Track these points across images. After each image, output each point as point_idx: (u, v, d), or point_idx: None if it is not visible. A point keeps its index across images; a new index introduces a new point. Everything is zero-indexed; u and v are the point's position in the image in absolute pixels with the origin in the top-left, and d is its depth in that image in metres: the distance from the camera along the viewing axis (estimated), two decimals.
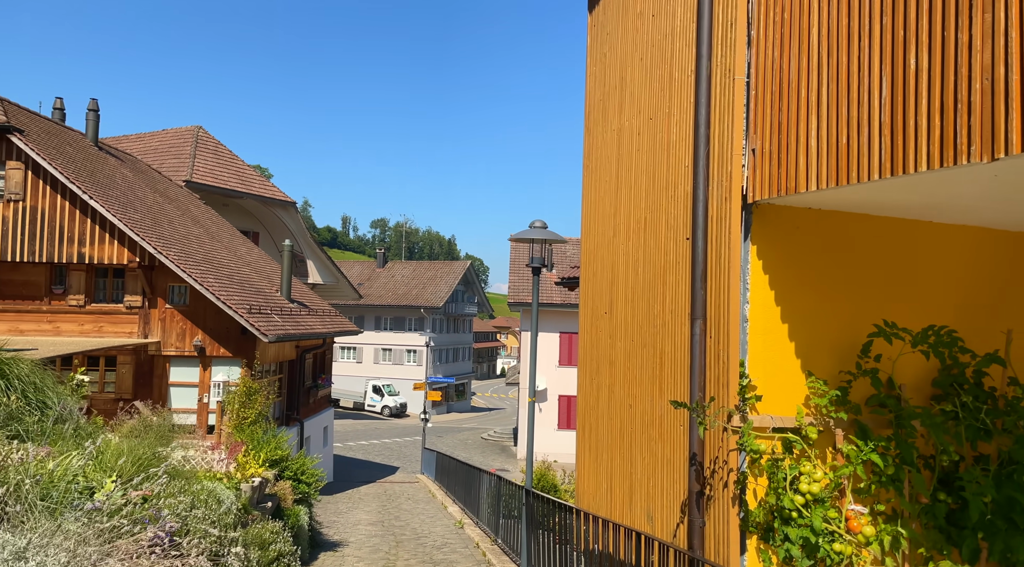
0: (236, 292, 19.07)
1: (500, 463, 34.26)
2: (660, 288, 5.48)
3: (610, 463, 6.61)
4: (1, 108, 17.84)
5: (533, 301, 9.52)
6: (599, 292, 7.11)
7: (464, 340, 67.26)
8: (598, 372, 7.06)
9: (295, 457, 11.61)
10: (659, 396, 5.44)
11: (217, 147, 40.18)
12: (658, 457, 5.43)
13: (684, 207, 5.06)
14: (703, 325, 4.60)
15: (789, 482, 4.27)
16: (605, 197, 6.94)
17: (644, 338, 5.80)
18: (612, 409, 6.59)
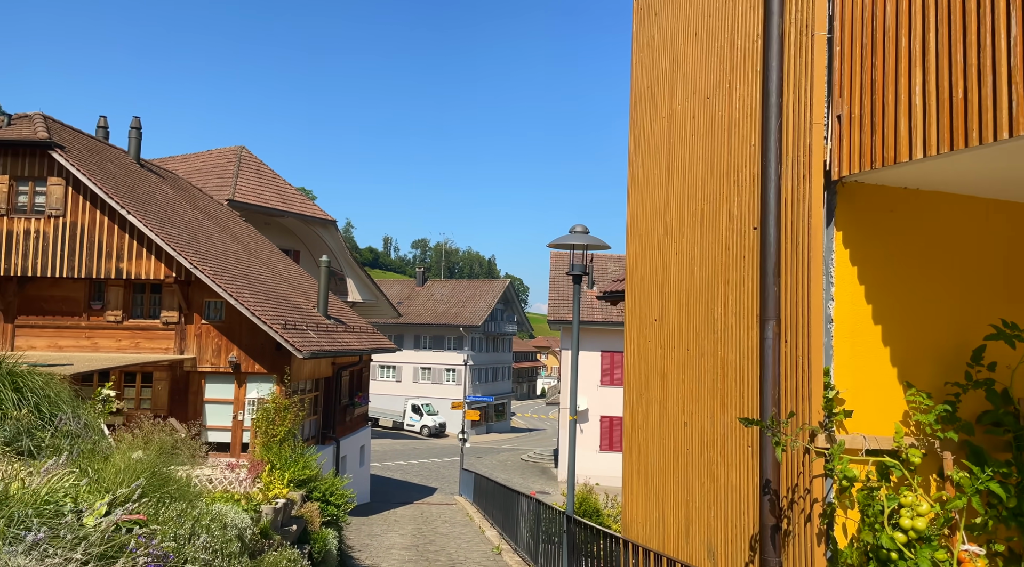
0: (272, 308, 18.81)
1: (540, 485, 33.37)
2: (721, 288, 4.78)
3: (662, 489, 5.88)
4: (44, 125, 18.01)
5: (574, 310, 8.86)
6: (647, 298, 6.43)
7: (503, 359, 66.62)
8: (647, 387, 6.35)
9: (324, 477, 11.09)
10: (720, 412, 4.72)
11: (259, 167, 40.64)
12: (720, 483, 4.70)
13: (750, 192, 4.38)
14: (776, 327, 3.90)
15: (888, 516, 3.52)
16: (654, 192, 6.28)
17: (702, 346, 5.09)
18: (664, 428, 5.87)
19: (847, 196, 3.73)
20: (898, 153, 3.24)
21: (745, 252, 4.44)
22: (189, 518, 4.57)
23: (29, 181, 17.78)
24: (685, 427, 5.38)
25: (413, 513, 22.93)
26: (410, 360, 59.97)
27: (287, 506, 8.94)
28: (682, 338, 5.52)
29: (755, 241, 4.31)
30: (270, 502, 8.29)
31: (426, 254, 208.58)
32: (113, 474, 4.67)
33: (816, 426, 3.63)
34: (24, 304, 18.12)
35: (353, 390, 24.84)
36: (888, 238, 3.79)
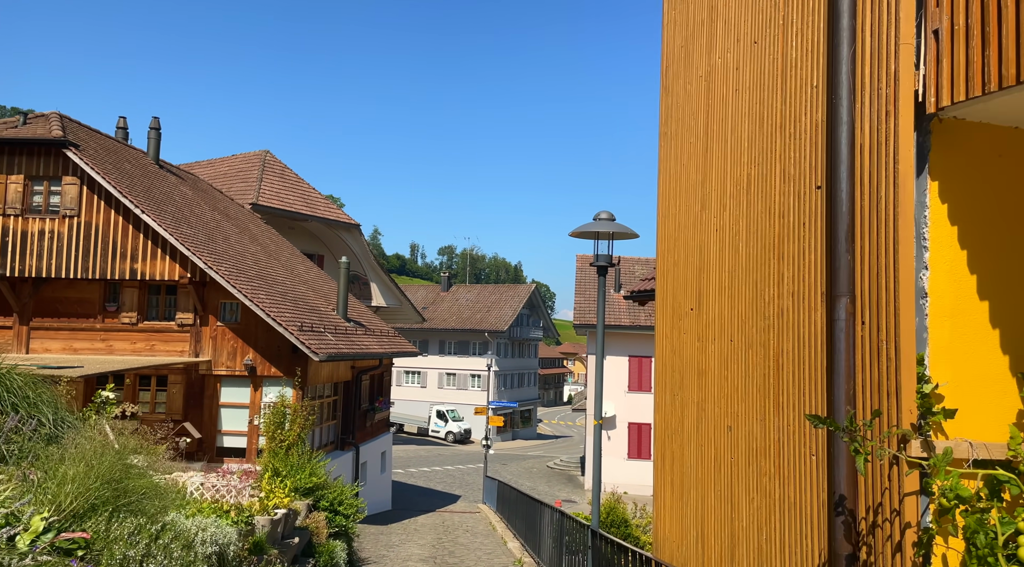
0: (288, 309, 18.29)
1: (566, 493, 32.50)
2: (774, 264, 4.00)
3: (700, 504, 5.08)
4: (60, 124, 17.74)
5: (599, 304, 8.09)
6: (682, 285, 5.65)
7: (529, 365, 65.80)
8: (682, 386, 5.57)
9: (333, 485, 10.43)
10: (774, 414, 3.93)
11: (283, 171, 40.48)
12: (775, 499, 3.90)
13: (812, 145, 3.60)
14: (851, 306, 3.11)
15: (1002, 544, 2.70)
16: (690, 163, 5.50)
17: (749, 336, 4.30)
18: (702, 433, 5.08)
19: (945, 137, 2.94)
20: (1021, 69, 2.45)
21: (805, 217, 3.65)
22: (145, 536, 3.89)
23: (44, 181, 17.51)
24: (729, 432, 4.59)
25: (434, 522, 22.22)
26: (435, 365, 59.43)
27: (289, 517, 8.27)
28: (724, 328, 4.73)
29: (819, 202, 3.53)
30: (268, 512, 7.63)
31: (452, 260, 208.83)
32: (62, 484, 4.02)
33: (908, 429, 2.83)
34: (39, 306, 17.83)
35: (374, 395, 24.25)
36: (997, 190, 2.99)
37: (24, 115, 17.76)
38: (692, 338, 5.37)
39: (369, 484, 23.10)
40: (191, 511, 6.03)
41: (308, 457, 10.94)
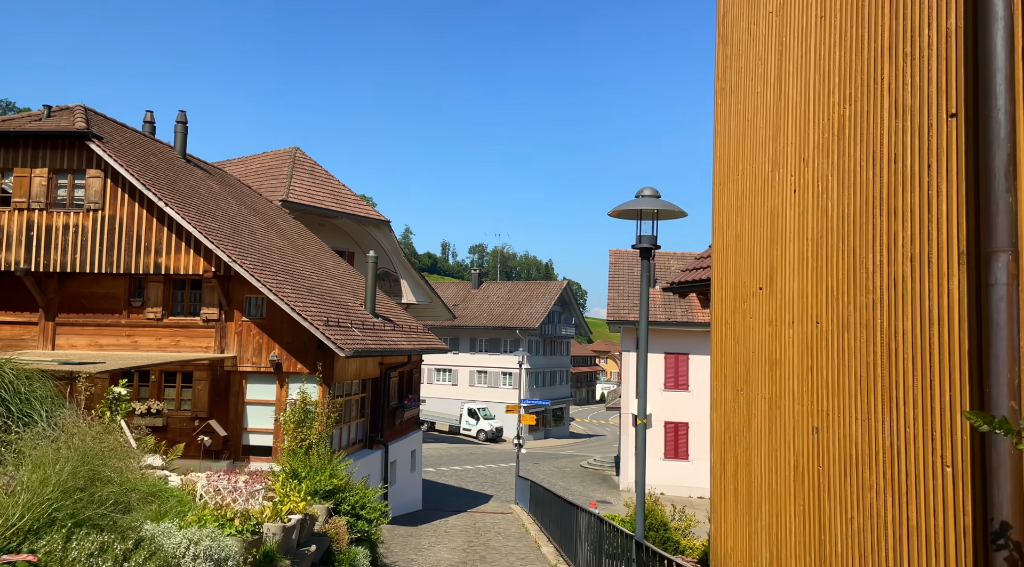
0: (315, 304, 17.77)
1: (601, 494, 31.63)
2: (881, 223, 3.17)
3: (774, 520, 4.26)
4: (84, 117, 17.44)
5: (642, 293, 7.29)
6: (747, 261, 4.82)
7: (561, 363, 64.91)
8: (748, 380, 4.74)
9: (355, 487, 9.78)
10: (886, 411, 3.10)
11: (314, 168, 40.26)
12: (885, 520, 3.08)
13: (941, 60, 2.78)
14: (1013, 264, 2.29)
15: None
16: (756, 118, 4.68)
17: (845, 315, 3.48)
18: (777, 435, 4.25)
19: None
20: None
21: (931, 158, 2.83)
22: (111, 556, 3.21)
23: (68, 174, 17.23)
24: (815, 434, 3.77)
25: (466, 523, 21.57)
26: (466, 363, 58.91)
27: (305, 522, 7.61)
28: (807, 308, 3.91)
29: (954, 135, 2.70)
30: (281, 519, 6.97)
31: (483, 259, 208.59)
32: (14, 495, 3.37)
33: None
34: (65, 301, 17.57)
35: (403, 392, 23.69)
36: None
37: (49, 108, 17.51)
38: (761, 323, 4.55)
39: (399, 483, 22.55)
40: (189, 520, 5.37)
41: (329, 457, 10.31)
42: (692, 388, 32.85)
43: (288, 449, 11.10)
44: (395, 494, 22.02)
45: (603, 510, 23.37)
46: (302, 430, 12.02)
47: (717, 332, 5.50)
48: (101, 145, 16.78)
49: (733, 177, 5.14)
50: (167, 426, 17.43)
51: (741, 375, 4.89)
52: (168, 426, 17.44)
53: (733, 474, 5.00)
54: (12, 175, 17.12)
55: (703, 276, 12.66)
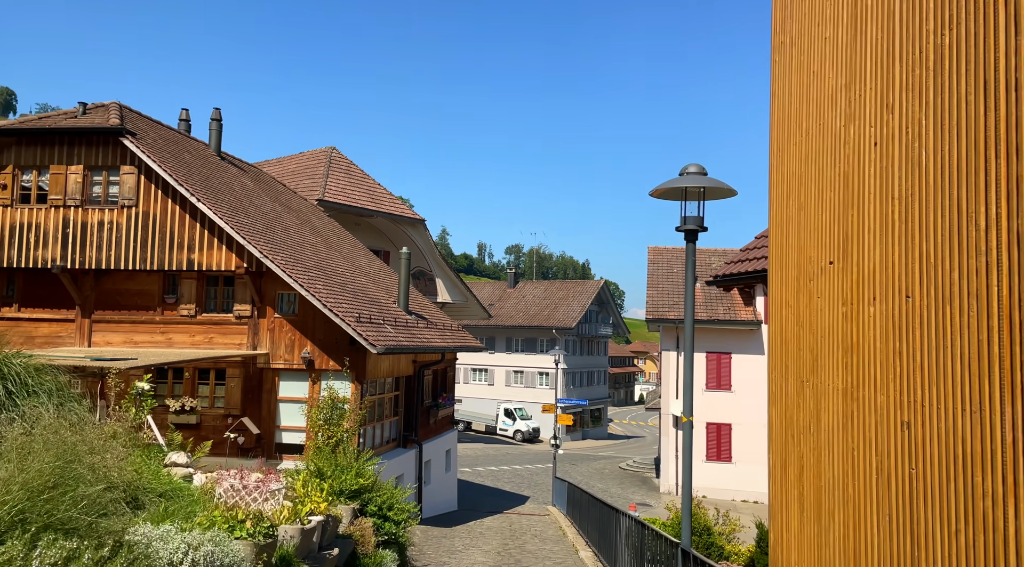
0: (346, 301, 17.48)
1: (640, 496, 30.87)
2: (999, 166, 2.57)
3: (850, 532, 3.66)
4: (118, 113, 17.43)
5: (687, 283, 6.70)
6: (813, 233, 4.22)
7: (599, 363, 64.07)
8: (815, 368, 4.14)
9: (382, 487, 9.34)
10: (1007, 401, 2.50)
11: (349, 167, 40.31)
12: (1006, 535, 2.48)
13: None
14: None
15: None
16: (824, 67, 4.08)
17: (946, 286, 2.87)
18: (855, 432, 3.65)
19: None
20: None
21: None
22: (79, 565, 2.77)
23: (103, 171, 17.24)
24: (905, 430, 3.16)
25: (501, 524, 21.08)
26: (502, 363, 58.51)
27: (327, 524, 7.19)
28: (894, 280, 3.30)
29: None
30: (301, 520, 6.55)
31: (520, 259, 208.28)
32: None
33: None
34: (101, 298, 17.59)
35: (437, 390, 23.31)
36: None
37: (84, 105, 17.54)
38: (832, 303, 3.94)
39: (433, 483, 22.18)
40: (198, 522, 4.95)
41: (355, 455, 9.90)
42: (735, 388, 31.88)
43: (314, 447, 10.71)
44: (429, 494, 21.66)
45: (643, 513, 22.67)
46: (329, 427, 11.65)
47: (776, 318, 4.89)
48: (134, 141, 16.74)
49: (795, 141, 4.53)
50: (201, 423, 17.31)
51: (807, 364, 4.28)
52: (202, 423, 17.32)
53: (797, 478, 4.39)
54: (49, 173, 17.19)
55: (750, 268, 11.92)
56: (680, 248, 39.62)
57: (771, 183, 5.04)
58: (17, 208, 17.21)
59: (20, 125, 16.97)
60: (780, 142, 4.85)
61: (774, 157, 4.96)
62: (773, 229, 5.00)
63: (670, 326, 32.76)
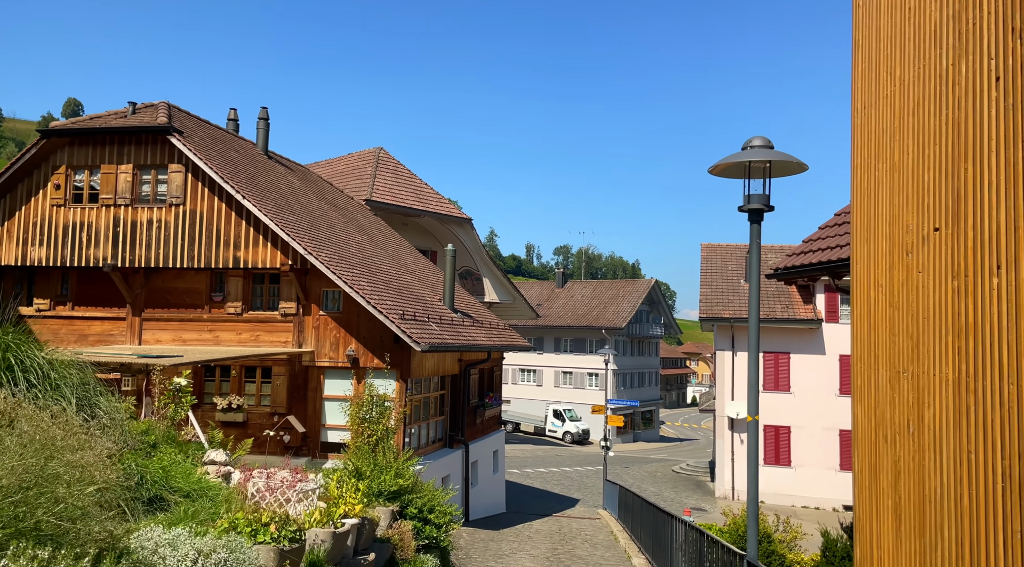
0: (391, 298, 17.20)
1: (695, 501, 29.92)
2: None
3: (966, 551, 3.02)
4: (166, 112, 17.54)
5: (752, 262, 6.07)
6: (912, 196, 3.59)
7: (650, 364, 62.85)
8: (916, 357, 3.51)
9: (422, 487, 8.91)
10: None
11: (397, 167, 40.38)
12: None
13: None
14: None
15: None
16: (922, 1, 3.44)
17: None
18: (972, 431, 3.01)
19: None
20: None
21: None
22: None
23: (151, 169, 17.37)
24: None
25: (550, 528, 20.53)
26: (550, 363, 57.91)
27: (362, 528, 6.78)
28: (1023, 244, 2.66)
29: None
30: (334, 523, 6.14)
31: (568, 260, 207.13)
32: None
33: None
34: (150, 297, 17.72)
35: (484, 390, 22.90)
36: None
37: (133, 105, 17.71)
38: (939, 276, 3.30)
39: (480, 485, 21.77)
40: (219, 525, 4.57)
41: (395, 455, 9.49)
42: (793, 389, 30.64)
43: (354, 446, 10.34)
44: (477, 496, 21.26)
45: (697, 518, 21.82)
46: (368, 426, 11.30)
47: (862, 301, 4.25)
48: (181, 139, 16.79)
49: (886, 92, 3.89)
50: (247, 421, 17.26)
51: (903, 353, 3.64)
52: (248, 421, 17.27)
53: (891, 485, 3.75)
54: (100, 172, 17.39)
55: (814, 260, 11.07)
56: (735, 245, 38.41)
57: (854, 148, 4.40)
58: (70, 208, 17.46)
59: (71, 125, 17.22)
60: (865, 98, 4.21)
61: (858, 117, 4.32)
62: (857, 200, 4.36)
63: (725, 325, 31.69)
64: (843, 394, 30.14)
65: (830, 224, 11.33)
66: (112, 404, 6.27)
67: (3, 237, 17.64)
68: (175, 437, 9.62)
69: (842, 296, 31.10)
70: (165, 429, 9.43)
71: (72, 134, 17.16)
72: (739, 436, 30.98)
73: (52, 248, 17.44)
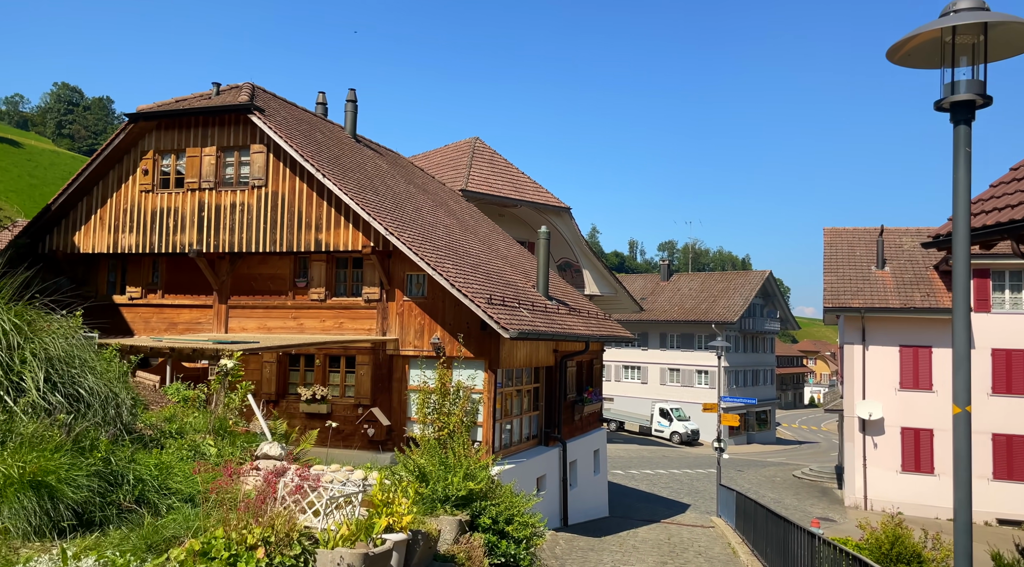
0: (478, 282, 15.84)
1: (821, 510, 26.95)
2: None
3: None
4: (249, 92, 16.95)
5: (958, 174, 4.11)
6: None
7: (765, 361, 58.85)
8: None
9: (499, 493, 7.33)
10: None
11: (493, 156, 39.31)
12: None
13: None
14: None
15: None
16: None
17: None
18: None
19: None
20: None
21: None
22: None
23: (234, 151, 16.83)
24: None
25: (658, 537, 18.56)
26: (656, 360, 55.25)
27: (415, 543, 5.28)
28: None
29: None
30: (372, 539, 4.67)
31: (673, 256, 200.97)
32: None
33: None
34: (236, 284, 17.21)
35: (582, 384, 21.17)
36: None
37: (217, 86, 17.26)
38: None
39: (580, 486, 20.08)
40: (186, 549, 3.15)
41: (465, 452, 7.95)
42: (936, 387, 26.99)
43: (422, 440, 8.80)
44: (576, 498, 19.58)
45: (826, 530, 19.21)
46: (440, 418, 9.87)
47: None
48: (262, 117, 16.11)
49: None
50: (332, 413, 16.39)
51: None
52: (333, 413, 16.39)
53: None
54: (185, 156, 17.03)
55: (992, 221, 8.60)
56: (862, 228, 34.70)
57: None
58: (158, 193, 17.21)
59: (157, 108, 16.92)
60: None
61: None
62: None
63: (854, 316, 28.39)
64: (997, 393, 26.24)
65: (1006, 180, 8.82)
66: (107, 386, 5.05)
67: (96, 224, 17.63)
68: (226, 427, 8.54)
69: (995, 282, 27.12)
70: (218, 419, 8.35)
71: (157, 117, 16.87)
72: (872, 439, 27.67)
73: (141, 235, 17.24)
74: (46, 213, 17.54)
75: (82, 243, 17.68)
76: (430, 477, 6.73)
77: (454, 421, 9.98)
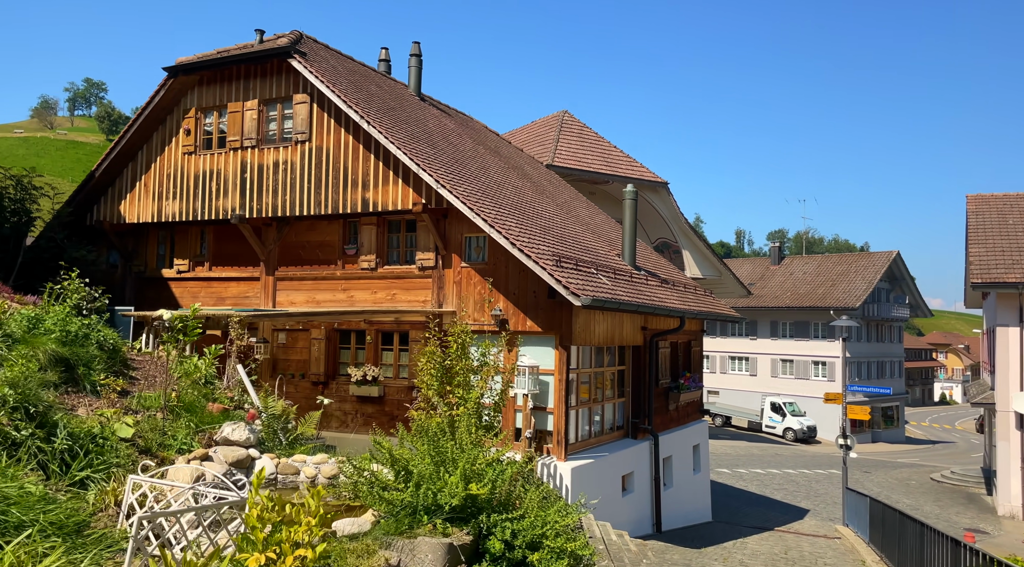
0: (548, 244, 13.40)
1: (969, 519, 22.76)
2: None
3: None
4: (293, 38, 15.18)
5: None
6: None
7: (892, 352, 52.99)
8: None
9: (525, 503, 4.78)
10: None
11: (582, 130, 36.64)
12: None
13: None
14: None
15: None
16: None
17: None
18: None
19: None
20: None
21: None
22: None
23: (277, 103, 15.17)
24: None
25: (772, 549, 15.51)
26: (766, 350, 50.76)
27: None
28: None
29: None
30: None
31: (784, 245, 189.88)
32: None
33: None
34: (283, 253, 15.56)
35: (678, 369, 18.26)
36: None
37: (261, 34, 15.62)
38: None
39: (676, 487, 17.23)
40: None
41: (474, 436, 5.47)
42: None
43: (417, 423, 6.35)
44: (671, 500, 16.76)
45: (981, 543, 15.61)
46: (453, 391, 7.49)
47: None
48: (303, 62, 14.31)
49: None
50: (384, 396, 14.45)
51: None
52: (385, 396, 14.45)
53: None
54: (227, 113, 15.52)
55: None
56: (1014, 194, 29.63)
57: None
58: (200, 154, 15.81)
59: (196, 60, 15.48)
60: None
61: None
62: None
63: (1010, 292, 23.80)
64: None
65: None
66: None
67: (141, 192, 16.47)
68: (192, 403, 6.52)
69: None
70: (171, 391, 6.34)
71: (195, 69, 15.45)
72: (1007, 439, 23.14)
73: (184, 201, 15.90)
74: (90, 181, 16.52)
75: (128, 212, 16.57)
76: (415, 475, 4.45)
77: (475, 397, 7.58)
